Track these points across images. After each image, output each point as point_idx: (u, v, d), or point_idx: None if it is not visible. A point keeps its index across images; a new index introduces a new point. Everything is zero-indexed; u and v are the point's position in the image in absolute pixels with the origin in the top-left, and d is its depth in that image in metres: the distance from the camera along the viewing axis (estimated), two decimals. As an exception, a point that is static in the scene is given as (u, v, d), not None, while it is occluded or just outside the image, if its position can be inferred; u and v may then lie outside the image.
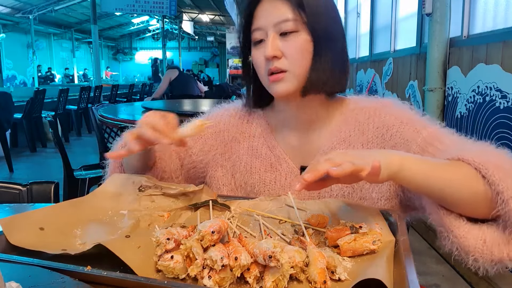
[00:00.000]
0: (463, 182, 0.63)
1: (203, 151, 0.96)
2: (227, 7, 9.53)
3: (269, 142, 0.91)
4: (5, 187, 1.12)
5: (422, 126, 0.80)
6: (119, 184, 0.81)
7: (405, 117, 0.82)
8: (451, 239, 0.64)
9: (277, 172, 0.89)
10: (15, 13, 14.70)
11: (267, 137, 0.92)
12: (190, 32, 20.08)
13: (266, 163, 0.90)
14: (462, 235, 0.63)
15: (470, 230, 0.63)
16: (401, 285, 0.50)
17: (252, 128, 0.95)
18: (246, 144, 0.94)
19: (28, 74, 16.57)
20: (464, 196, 0.63)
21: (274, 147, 0.91)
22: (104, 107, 3.43)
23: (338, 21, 0.85)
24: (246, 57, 0.89)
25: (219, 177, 0.95)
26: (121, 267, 0.54)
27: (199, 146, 0.96)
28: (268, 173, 0.89)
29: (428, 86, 2.72)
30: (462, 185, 0.63)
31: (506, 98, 1.97)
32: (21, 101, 5.75)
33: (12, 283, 0.46)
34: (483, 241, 0.62)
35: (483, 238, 0.62)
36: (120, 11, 11.32)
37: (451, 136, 0.78)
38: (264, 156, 0.91)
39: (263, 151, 0.91)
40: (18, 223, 0.66)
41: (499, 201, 0.60)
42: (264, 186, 0.89)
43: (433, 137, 0.77)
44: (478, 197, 0.62)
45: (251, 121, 0.95)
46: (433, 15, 2.60)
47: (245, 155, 0.93)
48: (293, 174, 0.88)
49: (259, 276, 0.53)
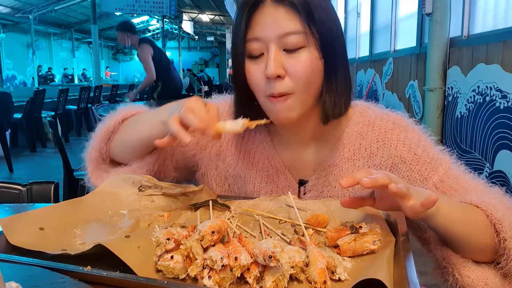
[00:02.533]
0: (479, 231, 0.64)
1: (198, 146, 0.89)
2: (227, 7, 9.53)
3: (269, 151, 0.84)
4: (5, 187, 1.12)
5: (438, 163, 0.76)
6: (119, 184, 0.81)
7: (418, 149, 0.76)
8: (456, 277, 0.65)
9: (274, 184, 0.84)
10: (15, 13, 14.69)
11: (267, 146, 0.85)
12: (190, 32, 20.08)
13: (262, 173, 0.84)
14: (466, 274, 0.64)
15: (474, 271, 0.64)
16: (401, 285, 0.50)
17: (251, 133, 0.87)
18: (244, 149, 0.87)
19: (28, 74, 16.57)
20: (477, 244, 0.64)
21: (274, 157, 0.84)
22: (104, 107, 3.43)
23: (342, 35, 0.75)
24: (238, 66, 0.75)
25: (212, 176, 0.89)
26: (121, 267, 0.54)
27: (194, 140, 0.88)
28: (264, 184, 0.84)
29: (428, 86, 2.72)
30: (478, 234, 0.64)
31: (506, 98, 1.97)
32: (21, 101, 5.74)
33: (12, 283, 0.46)
34: (484, 283, 0.63)
35: (485, 281, 0.63)
36: (120, 11, 11.30)
37: (465, 174, 0.77)
38: (262, 166, 0.85)
39: (260, 160, 0.85)
40: (18, 223, 0.66)
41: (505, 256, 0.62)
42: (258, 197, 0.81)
43: (449, 176, 0.75)
44: (488, 248, 0.64)
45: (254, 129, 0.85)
46: (433, 15, 2.60)
47: (241, 160, 0.86)
48: (291, 187, 0.83)
49: (259, 276, 0.53)
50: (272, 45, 0.69)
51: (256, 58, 0.72)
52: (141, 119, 0.85)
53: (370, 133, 0.79)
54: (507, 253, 0.62)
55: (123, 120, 0.87)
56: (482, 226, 0.64)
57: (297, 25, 0.69)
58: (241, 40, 0.72)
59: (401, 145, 0.77)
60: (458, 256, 0.66)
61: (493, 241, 0.63)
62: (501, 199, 0.68)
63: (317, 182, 0.83)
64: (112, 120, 0.86)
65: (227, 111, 0.87)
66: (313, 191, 0.83)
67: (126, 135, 0.85)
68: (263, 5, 0.71)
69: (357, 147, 0.79)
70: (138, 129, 0.82)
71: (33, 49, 15.53)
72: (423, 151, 0.77)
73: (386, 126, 0.79)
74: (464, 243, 0.64)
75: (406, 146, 0.77)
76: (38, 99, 5.90)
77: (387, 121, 0.80)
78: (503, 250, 0.62)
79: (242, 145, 0.88)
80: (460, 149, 2.44)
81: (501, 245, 0.62)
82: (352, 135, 0.80)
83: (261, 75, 0.71)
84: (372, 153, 0.79)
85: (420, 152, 0.76)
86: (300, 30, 0.69)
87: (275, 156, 0.84)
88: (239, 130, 0.68)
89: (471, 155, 2.29)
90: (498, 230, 0.63)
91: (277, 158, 0.84)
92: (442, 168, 0.76)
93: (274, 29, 0.69)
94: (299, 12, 0.69)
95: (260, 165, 0.85)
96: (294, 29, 0.69)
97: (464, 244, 0.64)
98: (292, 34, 0.69)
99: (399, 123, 0.80)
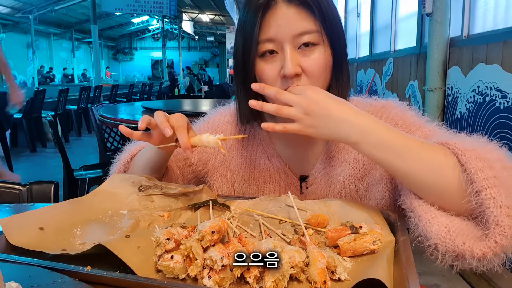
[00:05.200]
0: (437, 167, 0.58)
1: (201, 161, 0.93)
2: (227, 7, 9.53)
3: (268, 152, 0.87)
4: (5, 187, 1.12)
5: (416, 127, 0.75)
6: (119, 184, 0.81)
7: (400, 119, 0.78)
8: (416, 223, 0.60)
9: (276, 183, 0.86)
10: (15, 13, 14.70)
11: (266, 147, 0.88)
12: (190, 32, 20.09)
13: (264, 174, 0.87)
14: (427, 220, 0.58)
15: (437, 217, 0.58)
16: (401, 285, 0.50)
17: (250, 137, 0.90)
18: (245, 153, 0.90)
19: (28, 74, 16.58)
20: (437, 182, 0.58)
21: (273, 157, 0.87)
22: (104, 107, 3.43)
23: (343, 29, 0.78)
24: (249, 66, 0.75)
25: (218, 186, 0.92)
26: (121, 267, 0.54)
27: (197, 156, 0.92)
28: (267, 184, 0.87)
29: (428, 86, 2.72)
30: (434, 171, 0.58)
31: (506, 98, 1.97)
32: (21, 101, 5.74)
33: (12, 283, 0.46)
34: (447, 229, 0.56)
35: (448, 227, 0.56)
36: (120, 11, 11.32)
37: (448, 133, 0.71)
38: (263, 166, 0.87)
39: (261, 162, 0.87)
40: (18, 223, 0.66)
41: (470, 190, 0.55)
42: None
43: (427, 136, 0.72)
44: (452, 187, 0.57)
45: (250, 129, 0.90)
46: (433, 15, 2.60)
47: (244, 164, 0.89)
48: (293, 184, 0.86)
49: (259, 276, 0.53)
50: (287, 45, 0.71)
51: (268, 57, 0.73)
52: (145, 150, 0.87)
53: None
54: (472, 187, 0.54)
55: (131, 158, 0.91)
56: (442, 161, 0.58)
57: (310, 24, 0.71)
58: (254, 41, 0.72)
59: (384, 118, 0.78)
60: (422, 201, 0.61)
61: (459, 178, 0.56)
62: (476, 139, 0.60)
63: (317, 176, 0.84)
64: (122, 160, 0.91)
65: (229, 121, 0.92)
66: (314, 185, 0.84)
67: (136, 169, 0.88)
68: (275, 5, 0.72)
69: None
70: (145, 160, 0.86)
71: (33, 49, 15.53)
72: (404, 120, 0.77)
73: (375, 109, 0.81)
74: (416, 182, 0.60)
75: (389, 118, 0.78)
76: (38, 99, 5.90)
77: (376, 105, 0.82)
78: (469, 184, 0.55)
79: (243, 148, 0.90)
80: (460, 149, 2.45)
81: (467, 175, 0.55)
82: None
83: (276, 74, 0.72)
84: None
85: (401, 122, 0.77)
86: (314, 29, 0.71)
87: (275, 156, 0.87)
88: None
89: (471, 155, 2.30)
90: (461, 160, 0.56)
91: (276, 158, 0.87)
92: (420, 131, 0.74)
93: (288, 29, 0.70)
94: (311, 10, 0.70)
95: (262, 166, 0.87)
96: (308, 28, 0.71)
97: (422, 183, 0.59)
98: (306, 33, 0.71)
99: (387, 105, 0.81)
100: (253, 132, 0.90)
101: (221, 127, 0.93)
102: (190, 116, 0.88)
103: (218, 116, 0.95)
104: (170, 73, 13.34)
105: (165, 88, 12.31)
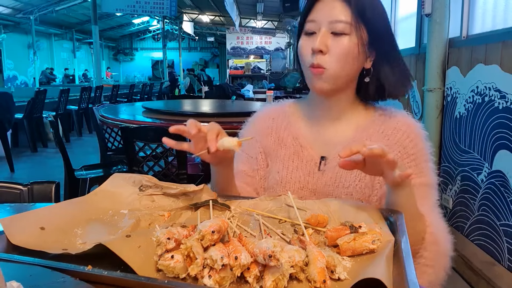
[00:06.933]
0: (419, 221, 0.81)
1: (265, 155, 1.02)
2: (227, 8, 9.52)
3: (294, 132, 0.99)
4: (6, 187, 1.12)
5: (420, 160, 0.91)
6: (119, 184, 0.81)
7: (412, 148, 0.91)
8: None
9: (299, 160, 0.96)
10: (16, 14, 14.70)
11: (292, 129, 1.00)
12: (190, 32, 20.05)
13: (290, 151, 0.98)
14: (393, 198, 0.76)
15: None
16: (400, 284, 0.50)
17: (279, 122, 1.02)
18: (275, 135, 1.02)
19: (29, 75, 16.58)
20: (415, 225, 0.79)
21: (298, 136, 0.98)
22: (104, 107, 3.43)
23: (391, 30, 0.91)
24: (298, 41, 0.93)
25: None
26: (122, 266, 0.54)
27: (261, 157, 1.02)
28: (291, 161, 0.97)
29: (427, 86, 2.72)
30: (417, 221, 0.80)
31: (505, 98, 1.97)
32: (22, 101, 5.75)
33: (13, 283, 0.46)
34: None
35: None
36: (121, 12, 11.32)
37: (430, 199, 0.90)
38: (290, 144, 0.99)
39: (288, 141, 0.99)
40: (19, 223, 0.66)
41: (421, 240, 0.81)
42: (287, 172, 0.96)
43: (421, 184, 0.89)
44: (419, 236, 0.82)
45: (280, 116, 1.03)
46: (432, 15, 2.60)
47: (273, 144, 1.01)
48: (314, 162, 0.95)
49: (259, 276, 0.53)
50: (323, 27, 0.86)
51: (309, 36, 0.89)
52: None
53: (391, 122, 0.95)
54: None
55: None
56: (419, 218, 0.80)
57: (346, 16, 0.85)
58: (302, 21, 0.91)
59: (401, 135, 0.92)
60: None
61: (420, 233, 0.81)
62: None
63: (334, 158, 0.93)
64: None
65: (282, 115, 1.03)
66: (329, 165, 0.94)
67: None
68: None
69: (378, 129, 0.94)
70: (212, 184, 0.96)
71: (34, 50, 15.53)
72: (415, 150, 0.92)
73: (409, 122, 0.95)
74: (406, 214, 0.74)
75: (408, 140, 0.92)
76: (39, 99, 5.91)
77: (407, 119, 0.95)
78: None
79: (274, 133, 1.02)
80: (459, 149, 2.44)
81: None
82: (374, 120, 0.95)
83: (309, 48, 0.87)
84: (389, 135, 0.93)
85: (413, 151, 0.91)
86: (348, 21, 0.85)
87: (300, 135, 0.99)
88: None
89: (470, 155, 2.29)
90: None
91: (301, 137, 0.98)
92: (424, 179, 0.90)
93: (327, 15, 0.86)
94: (350, 6, 0.85)
95: (288, 144, 0.99)
96: (343, 18, 0.85)
97: None
98: (340, 22, 0.85)
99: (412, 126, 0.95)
100: (284, 116, 1.02)
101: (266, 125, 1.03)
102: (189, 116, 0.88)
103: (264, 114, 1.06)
104: (171, 73, 13.34)
105: (166, 88, 12.31)
